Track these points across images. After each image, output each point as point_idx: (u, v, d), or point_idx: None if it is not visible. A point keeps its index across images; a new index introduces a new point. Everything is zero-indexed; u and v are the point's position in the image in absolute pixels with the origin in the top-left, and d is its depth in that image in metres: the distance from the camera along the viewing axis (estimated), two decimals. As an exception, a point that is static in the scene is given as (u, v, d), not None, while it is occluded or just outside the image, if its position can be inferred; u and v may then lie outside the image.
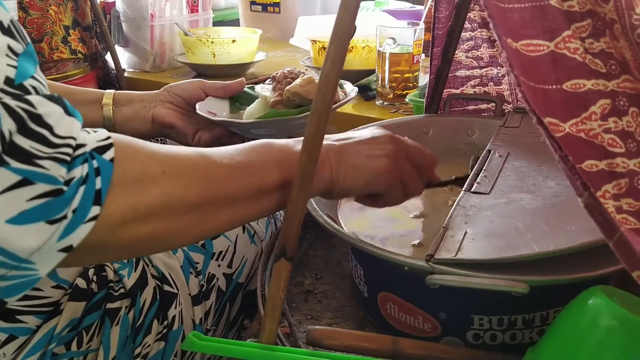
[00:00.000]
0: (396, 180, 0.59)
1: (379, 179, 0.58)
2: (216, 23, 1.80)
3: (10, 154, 0.35)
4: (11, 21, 0.39)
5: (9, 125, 0.35)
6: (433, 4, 0.77)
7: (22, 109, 0.36)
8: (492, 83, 0.89)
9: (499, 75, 0.89)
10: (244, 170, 0.50)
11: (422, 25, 1.13)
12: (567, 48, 0.43)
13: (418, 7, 1.74)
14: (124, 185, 0.41)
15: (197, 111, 0.78)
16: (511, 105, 0.90)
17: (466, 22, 0.85)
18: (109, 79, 1.44)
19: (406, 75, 1.13)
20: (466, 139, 0.88)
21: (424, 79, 1.14)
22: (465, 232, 0.57)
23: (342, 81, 0.86)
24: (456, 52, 0.86)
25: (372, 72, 1.31)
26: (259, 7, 1.94)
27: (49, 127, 0.37)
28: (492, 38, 0.87)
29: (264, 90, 0.81)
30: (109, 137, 0.42)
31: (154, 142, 0.90)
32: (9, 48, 0.38)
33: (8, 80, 0.37)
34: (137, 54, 1.46)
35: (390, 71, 1.11)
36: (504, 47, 0.42)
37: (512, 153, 0.74)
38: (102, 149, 0.40)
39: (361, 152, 0.58)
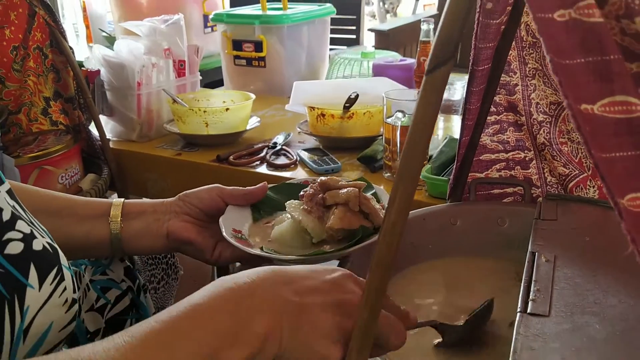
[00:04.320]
0: None
1: None
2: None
3: None
4: None
5: None
6: (464, 96, 0.72)
7: None
8: (519, 167, 0.84)
9: (527, 159, 0.84)
10: None
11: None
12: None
13: (410, 60, 1.70)
14: None
15: (224, 234, 0.68)
16: (540, 190, 0.85)
17: (492, 106, 0.80)
18: (93, 151, 1.35)
19: (416, 147, 1.08)
20: (496, 229, 0.82)
21: (433, 151, 1.09)
22: (538, 376, 0.51)
23: (381, 193, 0.79)
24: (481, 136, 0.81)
25: (374, 138, 1.26)
26: (243, 61, 1.88)
27: None
28: (519, 122, 0.82)
29: (294, 210, 0.72)
30: None
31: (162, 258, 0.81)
32: None
33: None
34: (123, 123, 1.38)
35: (402, 145, 1.05)
36: (616, 204, 0.37)
37: (559, 256, 0.68)
38: None
39: (321, 327, 0.47)
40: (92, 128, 1.36)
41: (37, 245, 0.48)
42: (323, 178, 0.74)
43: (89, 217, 0.71)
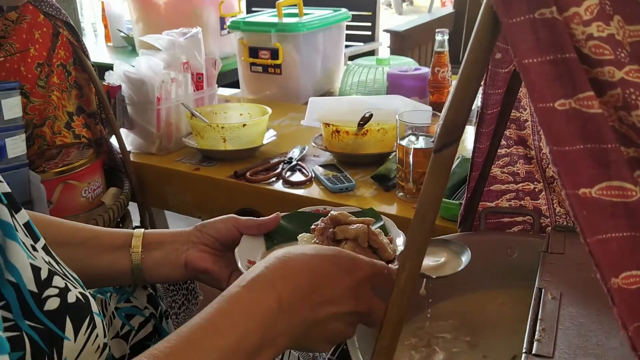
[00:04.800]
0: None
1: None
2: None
3: None
4: None
5: None
6: (474, 136, 0.75)
7: None
8: (528, 197, 0.86)
9: (536, 190, 0.86)
10: None
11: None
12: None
13: (424, 69, 1.72)
14: None
15: (240, 267, 0.71)
16: (549, 220, 0.87)
17: (502, 140, 0.82)
18: (114, 164, 1.40)
19: (428, 168, 1.10)
20: (505, 259, 0.84)
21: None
22: (541, 421, 0.53)
23: (390, 226, 0.81)
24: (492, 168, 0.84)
25: (388, 154, 1.29)
26: (260, 68, 1.91)
27: None
28: (528, 155, 0.84)
29: (306, 244, 0.75)
30: None
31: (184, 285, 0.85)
32: None
33: None
34: (143, 137, 1.42)
35: (415, 167, 1.08)
36: (609, 289, 0.39)
37: (565, 293, 0.71)
38: None
39: (325, 334, 0.56)
40: (113, 140, 1.40)
41: (71, 297, 0.51)
42: (334, 212, 0.77)
43: (112, 248, 0.75)
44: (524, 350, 0.63)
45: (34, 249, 0.50)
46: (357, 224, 0.74)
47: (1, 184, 0.50)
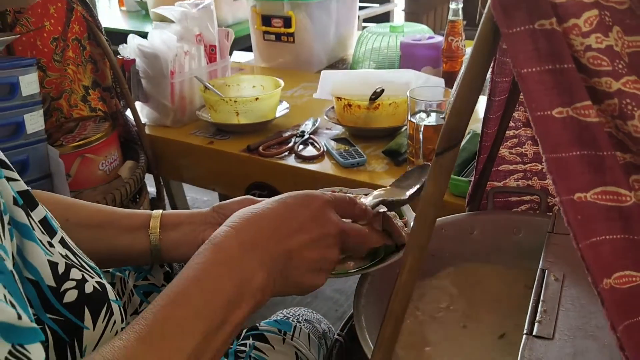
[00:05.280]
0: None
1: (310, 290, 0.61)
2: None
3: None
4: None
5: None
6: (482, 123, 0.75)
7: None
8: (536, 177, 0.88)
9: (544, 170, 0.87)
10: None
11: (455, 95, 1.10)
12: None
13: (438, 38, 1.70)
14: None
15: None
16: (556, 199, 0.88)
17: (510, 122, 0.83)
18: (130, 136, 1.42)
19: (439, 144, 1.11)
20: (512, 238, 0.86)
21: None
22: (538, 402, 0.56)
23: (405, 209, 0.82)
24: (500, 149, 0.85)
25: (399, 128, 1.30)
26: (273, 37, 1.91)
27: None
28: (536, 137, 0.85)
29: None
30: None
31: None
32: None
33: None
34: (157, 110, 1.44)
35: (425, 143, 1.09)
36: (600, 291, 0.41)
37: (568, 275, 0.73)
38: None
39: (307, 264, 0.59)
40: (129, 113, 1.42)
41: (88, 288, 0.54)
42: (350, 195, 0.79)
43: (131, 229, 0.77)
44: (525, 332, 0.65)
45: (51, 244, 0.53)
46: None
47: (18, 183, 0.52)
